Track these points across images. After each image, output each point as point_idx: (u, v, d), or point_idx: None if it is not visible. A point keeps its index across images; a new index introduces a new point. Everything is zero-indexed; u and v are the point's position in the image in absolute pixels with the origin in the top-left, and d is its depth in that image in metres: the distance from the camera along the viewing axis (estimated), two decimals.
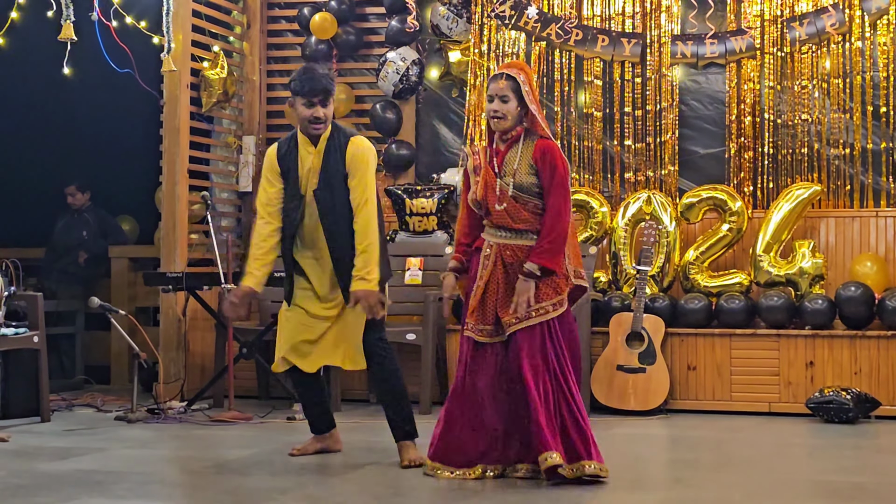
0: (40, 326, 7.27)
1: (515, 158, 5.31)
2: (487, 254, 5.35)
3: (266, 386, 8.27)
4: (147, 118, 9.09)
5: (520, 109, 5.31)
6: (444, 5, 8.75)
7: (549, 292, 5.23)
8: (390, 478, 5.40)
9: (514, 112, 5.30)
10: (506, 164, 5.32)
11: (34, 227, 9.81)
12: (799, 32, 8.18)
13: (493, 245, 5.34)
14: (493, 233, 5.36)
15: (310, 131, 5.67)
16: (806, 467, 5.87)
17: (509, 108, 5.30)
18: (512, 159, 5.32)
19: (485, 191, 5.33)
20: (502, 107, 5.30)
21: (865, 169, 8.13)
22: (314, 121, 5.64)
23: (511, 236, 5.31)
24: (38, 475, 5.45)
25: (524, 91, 5.29)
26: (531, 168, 5.27)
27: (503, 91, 5.30)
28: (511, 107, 5.30)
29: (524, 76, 5.33)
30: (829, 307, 7.62)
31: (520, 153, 5.31)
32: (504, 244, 5.31)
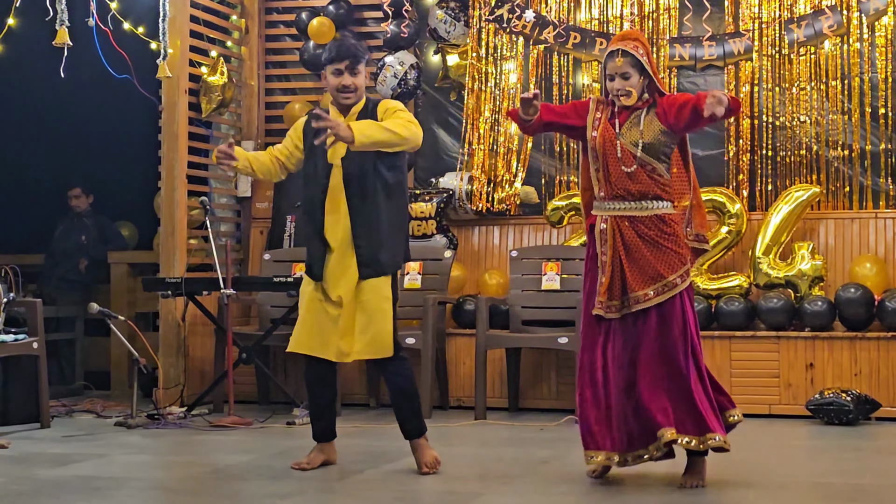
0: (40, 332, 7.27)
1: (640, 120, 5.22)
2: (603, 229, 5.23)
3: (266, 391, 8.27)
4: (145, 124, 9.08)
5: (643, 80, 5.23)
6: (442, 9, 8.75)
7: (676, 264, 5.18)
8: (391, 482, 5.40)
9: (637, 86, 5.22)
10: (628, 123, 5.24)
11: (33, 234, 9.81)
12: (797, 34, 8.18)
13: (607, 219, 5.24)
14: (606, 206, 5.25)
15: (339, 101, 5.51)
16: (806, 469, 5.86)
17: (632, 83, 5.21)
18: (635, 120, 5.23)
19: (604, 145, 5.23)
20: (625, 84, 5.21)
21: (864, 170, 8.13)
22: (343, 89, 5.48)
23: (626, 207, 5.21)
24: (38, 481, 5.44)
25: (644, 62, 5.20)
26: (658, 130, 5.20)
27: (623, 68, 5.20)
28: (634, 81, 5.21)
29: (642, 48, 5.24)
30: (828, 309, 7.62)
31: (646, 116, 5.23)
32: (620, 216, 5.22)
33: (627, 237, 5.21)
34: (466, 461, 6.11)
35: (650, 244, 5.19)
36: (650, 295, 5.16)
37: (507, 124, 8.59)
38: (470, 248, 8.73)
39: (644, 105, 5.27)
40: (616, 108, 5.31)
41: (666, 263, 5.18)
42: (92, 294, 9.05)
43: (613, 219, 5.24)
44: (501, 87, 8.64)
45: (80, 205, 9.61)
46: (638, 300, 5.17)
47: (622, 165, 5.22)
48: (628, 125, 5.25)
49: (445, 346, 8.05)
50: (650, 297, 5.16)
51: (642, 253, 5.18)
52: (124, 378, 8.87)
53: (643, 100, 5.27)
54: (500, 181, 8.56)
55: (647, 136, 5.21)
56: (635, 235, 5.20)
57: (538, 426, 7.18)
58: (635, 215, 5.22)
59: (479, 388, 7.63)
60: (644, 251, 5.18)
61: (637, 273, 5.18)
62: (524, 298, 7.96)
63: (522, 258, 8.08)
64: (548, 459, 5.98)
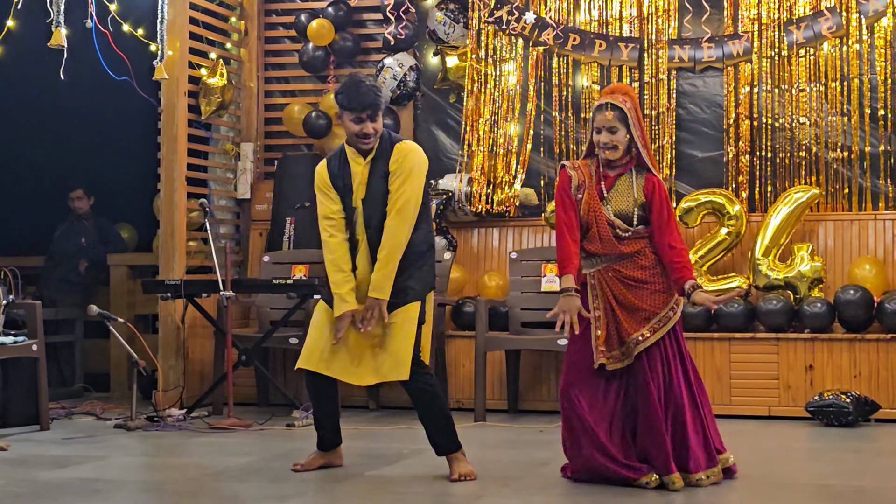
0: (39, 335, 7.27)
1: (626, 189, 5.30)
2: (593, 284, 5.32)
3: (265, 393, 8.26)
4: (145, 126, 9.08)
5: (629, 137, 5.29)
6: (442, 11, 8.75)
7: (665, 297, 5.27)
8: (390, 484, 5.39)
9: (623, 141, 5.28)
10: (614, 190, 5.31)
11: (33, 236, 9.80)
12: (796, 36, 8.18)
13: (594, 275, 5.33)
14: (590, 263, 5.33)
15: (359, 146, 5.50)
16: (806, 471, 5.86)
17: (618, 138, 5.27)
18: (622, 189, 5.31)
19: (588, 213, 5.30)
20: (612, 138, 5.27)
21: (864, 172, 8.13)
22: (363, 136, 5.46)
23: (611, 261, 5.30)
24: (38, 484, 5.44)
25: (630, 118, 5.27)
26: (641, 205, 5.28)
27: (611, 122, 5.26)
28: (620, 136, 5.27)
29: (630, 102, 5.31)
30: (828, 310, 7.62)
31: (632, 185, 5.30)
32: (604, 268, 5.31)
33: (613, 286, 5.29)
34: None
35: (633, 286, 5.27)
36: (647, 335, 5.23)
37: (506, 126, 8.59)
38: (469, 250, 8.73)
39: (628, 166, 5.33)
40: (601, 168, 5.35)
41: (652, 301, 5.26)
42: (91, 296, 9.05)
43: (598, 272, 5.33)
44: (501, 88, 8.64)
45: (82, 206, 9.60)
46: (637, 342, 5.23)
47: (603, 234, 5.29)
48: (615, 192, 5.32)
49: (445, 347, 8.05)
50: (647, 336, 5.23)
51: (628, 298, 5.26)
52: (124, 380, 8.87)
53: (629, 156, 5.32)
54: (499, 183, 8.56)
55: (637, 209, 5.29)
56: (619, 283, 5.28)
57: (538, 428, 7.18)
58: (619, 265, 5.31)
59: (479, 390, 7.63)
60: (629, 296, 5.26)
61: (629, 318, 5.26)
62: (523, 300, 7.96)
63: (522, 260, 8.08)
64: (547, 461, 5.97)
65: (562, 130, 8.62)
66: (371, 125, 5.44)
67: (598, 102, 5.40)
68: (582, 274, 5.38)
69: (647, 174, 5.33)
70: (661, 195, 5.31)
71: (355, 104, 5.42)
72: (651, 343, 5.22)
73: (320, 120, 8.88)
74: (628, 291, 5.27)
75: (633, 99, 5.36)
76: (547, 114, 8.64)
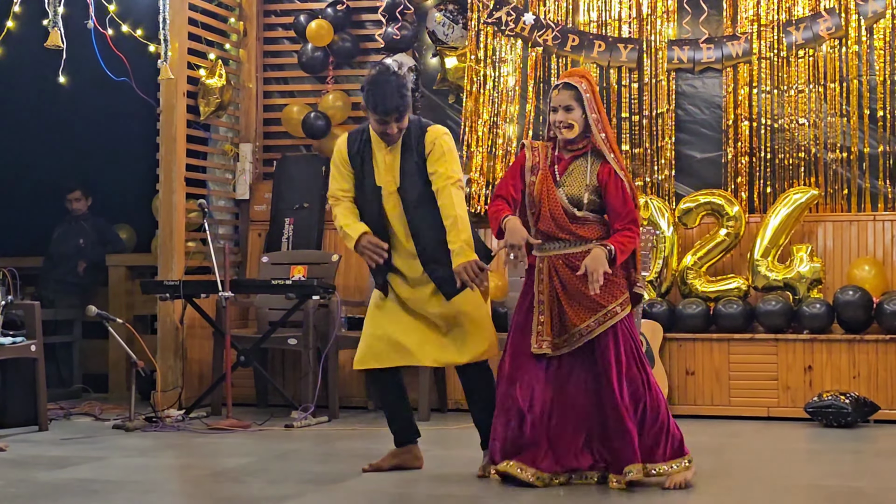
0: (38, 335, 7.26)
1: (580, 173, 5.28)
2: (541, 267, 5.31)
3: (264, 394, 8.26)
4: (144, 126, 9.08)
5: (584, 117, 5.28)
6: (441, 12, 8.75)
7: (616, 292, 5.22)
8: (389, 485, 5.39)
9: (579, 120, 5.26)
10: (567, 174, 5.30)
11: (31, 236, 9.79)
12: (795, 37, 8.18)
13: (544, 259, 5.31)
14: (541, 247, 5.31)
15: (384, 141, 5.46)
16: (805, 472, 5.86)
17: (574, 116, 5.26)
18: (576, 172, 5.29)
19: (541, 193, 5.29)
20: (567, 116, 5.26)
21: (863, 173, 8.13)
22: (385, 135, 5.43)
23: (563, 246, 5.28)
24: (36, 484, 5.44)
25: (585, 99, 5.26)
26: (594, 189, 5.25)
27: (566, 101, 5.27)
28: (576, 115, 5.26)
29: (586, 84, 5.29)
30: (827, 311, 7.62)
31: (587, 169, 5.28)
32: (556, 255, 5.29)
33: (563, 275, 5.26)
34: (465, 464, 6.10)
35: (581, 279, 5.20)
36: (592, 326, 5.21)
37: (505, 127, 8.60)
38: None
39: (584, 149, 5.31)
40: (556, 151, 5.34)
41: (604, 292, 5.19)
42: (90, 297, 9.03)
43: (549, 259, 5.30)
44: (500, 89, 8.64)
45: (80, 207, 9.59)
46: (581, 334, 5.22)
47: (556, 215, 5.26)
48: (567, 174, 5.30)
49: None
50: (592, 328, 5.21)
51: (576, 286, 5.22)
52: (122, 381, 8.86)
53: (584, 142, 5.30)
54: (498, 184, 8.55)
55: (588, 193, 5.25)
56: (569, 271, 5.24)
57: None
58: (569, 252, 5.27)
59: None
60: (578, 284, 5.21)
61: (576, 307, 5.23)
62: None
63: (521, 261, 8.05)
64: None
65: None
66: (395, 126, 5.40)
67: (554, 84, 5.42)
68: (532, 255, 5.35)
69: (602, 161, 5.29)
70: (615, 182, 5.23)
71: (380, 109, 5.35)
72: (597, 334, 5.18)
73: (319, 121, 8.88)
74: (577, 280, 5.20)
75: (591, 82, 5.34)
76: (546, 115, 8.62)
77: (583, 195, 5.26)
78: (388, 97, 5.32)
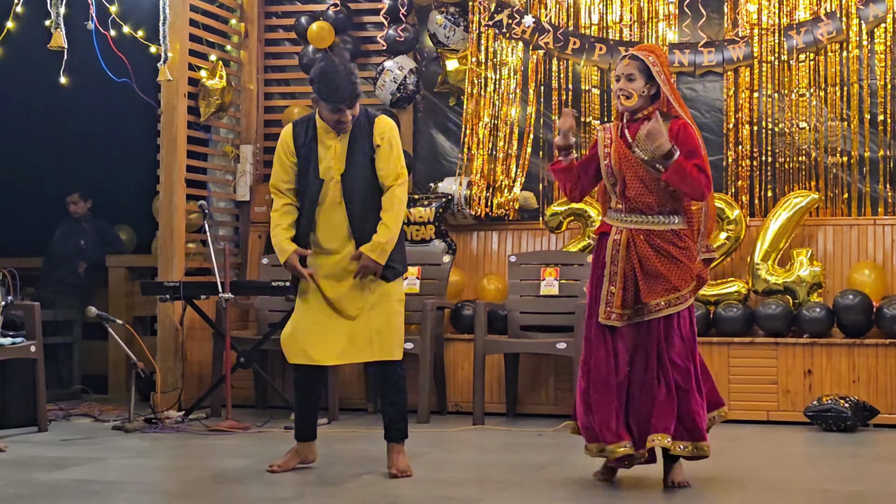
0: (37, 336, 7.26)
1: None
2: (617, 239, 5.26)
3: (263, 395, 8.26)
4: (144, 127, 9.08)
5: (648, 87, 5.23)
6: (442, 14, 8.76)
7: (688, 278, 5.22)
8: (389, 487, 5.39)
9: (640, 90, 5.23)
10: (639, 137, 5.23)
11: (32, 237, 9.80)
12: (796, 41, 8.19)
13: (622, 231, 5.26)
14: (622, 217, 5.27)
15: (337, 130, 5.51)
16: (804, 476, 5.86)
17: (635, 86, 5.22)
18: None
19: (619, 162, 5.25)
20: (628, 85, 5.22)
21: (863, 177, 8.13)
22: (338, 124, 5.48)
23: (642, 220, 5.23)
24: (35, 485, 5.44)
25: (654, 71, 5.21)
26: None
27: (628, 70, 5.23)
28: (637, 85, 5.22)
29: (654, 57, 5.25)
30: (827, 315, 7.62)
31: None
32: (636, 230, 5.23)
33: (642, 250, 5.23)
34: (464, 466, 6.11)
35: (664, 257, 5.21)
36: (661, 305, 5.20)
37: (505, 129, 8.59)
38: (468, 253, 8.73)
39: (648, 116, 5.26)
40: (625, 121, 5.31)
41: (679, 277, 5.20)
42: (90, 298, 9.04)
43: (629, 231, 5.25)
44: (500, 92, 8.64)
45: (78, 210, 9.60)
46: (650, 310, 5.21)
47: (643, 175, 5.22)
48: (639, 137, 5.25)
49: (444, 351, 8.05)
50: (661, 307, 5.20)
51: (655, 265, 5.20)
52: (122, 382, 8.87)
53: (647, 108, 5.26)
54: (499, 186, 8.56)
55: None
56: (649, 248, 5.22)
57: (536, 431, 7.17)
58: (651, 229, 5.24)
59: (477, 394, 7.63)
60: (657, 264, 5.20)
61: (651, 284, 5.20)
62: (522, 304, 7.96)
63: (521, 263, 8.08)
64: (546, 465, 5.97)
65: None
66: (349, 112, 5.46)
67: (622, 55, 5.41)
68: (607, 224, 5.33)
69: (672, 119, 5.25)
70: (687, 135, 5.20)
71: (333, 98, 5.42)
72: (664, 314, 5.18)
73: None
74: (657, 259, 5.19)
75: (660, 56, 5.29)
76: (546, 117, 8.64)
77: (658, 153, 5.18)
78: (341, 86, 5.40)
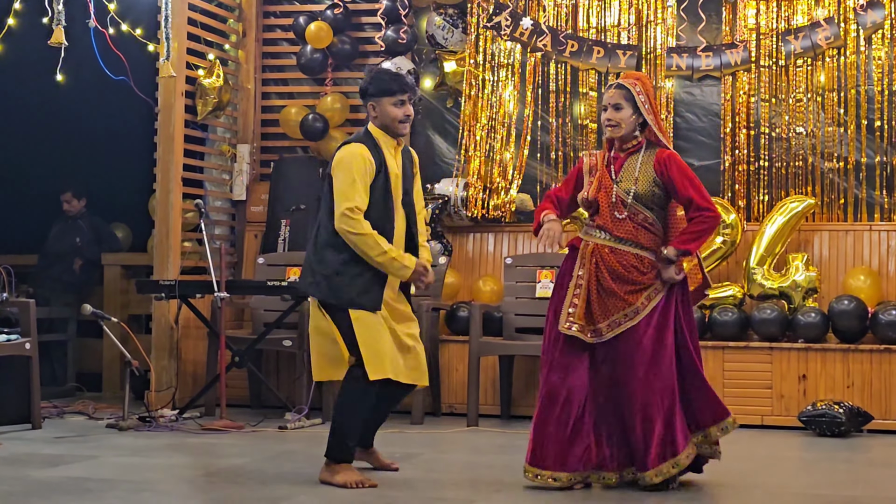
0: (32, 333, 7.26)
1: (635, 168, 5.28)
2: (584, 252, 5.30)
3: (258, 395, 8.26)
4: (141, 125, 9.08)
5: (635, 117, 5.28)
6: (440, 15, 8.76)
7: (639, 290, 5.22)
8: (384, 488, 5.38)
9: (627, 119, 5.27)
10: (623, 171, 5.29)
11: (28, 234, 9.79)
12: (794, 46, 8.20)
13: (590, 245, 5.30)
14: (594, 234, 5.31)
15: (400, 131, 5.46)
16: (798, 481, 5.86)
17: (622, 115, 5.26)
18: (631, 168, 5.28)
19: (598, 192, 5.30)
20: (615, 115, 5.27)
21: (859, 182, 8.14)
22: (405, 119, 5.46)
23: (612, 240, 5.27)
24: (29, 482, 5.43)
25: (639, 101, 5.26)
26: (653, 180, 5.25)
27: (615, 99, 5.28)
28: (624, 115, 5.26)
29: (640, 86, 5.30)
30: (822, 320, 7.62)
31: (640, 163, 5.28)
32: (603, 245, 5.27)
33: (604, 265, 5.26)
34: (458, 468, 6.11)
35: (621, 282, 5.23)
36: (621, 321, 5.22)
37: (503, 131, 8.60)
38: (464, 255, 8.73)
39: (637, 147, 5.32)
40: (612, 153, 5.36)
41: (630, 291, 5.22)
42: (85, 295, 9.03)
43: (595, 245, 5.31)
44: (498, 94, 8.64)
45: (71, 209, 9.59)
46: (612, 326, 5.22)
47: (614, 211, 5.28)
48: (624, 171, 5.31)
49: (438, 352, 8.04)
50: (621, 322, 5.22)
51: (610, 283, 5.23)
52: (116, 380, 8.86)
53: (635, 138, 5.31)
54: (495, 188, 8.57)
55: (641, 186, 5.26)
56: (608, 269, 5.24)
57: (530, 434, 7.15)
58: (616, 247, 5.28)
59: (472, 395, 7.63)
60: (613, 285, 5.23)
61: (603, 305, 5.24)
62: (518, 306, 7.96)
63: (517, 265, 8.08)
64: None
65: (558, 137, 8.63)
66: (411, 109, 5.49)
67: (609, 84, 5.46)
68: (577, 237, 5.39)
69: (658, 150, 5.30)
70: (677, 165, 5.25)
71: (397, 87, 5.42)
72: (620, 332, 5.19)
73: (317, 123, 8.87)
74: (612, 280, 5.22)
75: (646, 84, 5.34)
76: (544, 120, 8.65)
77: (641, 187, 5.23)
78: (404, 77, 5.50)
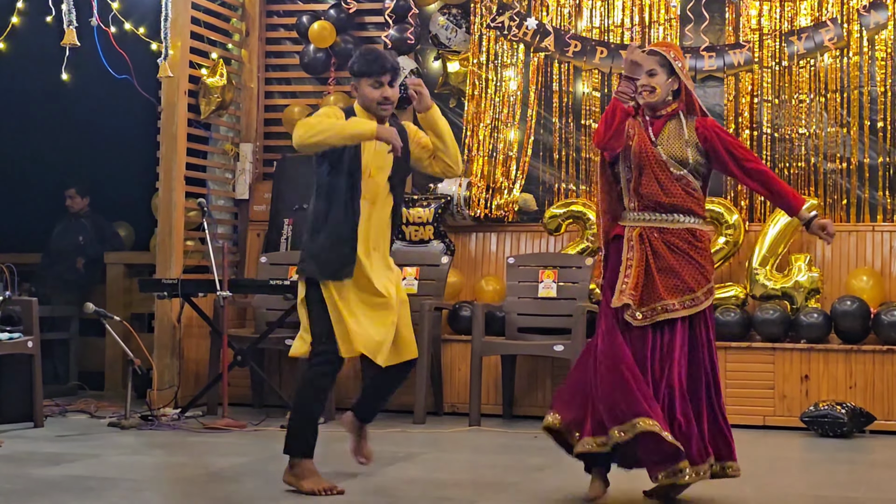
0: (35, 331, 7.26)
1: (675, 132, 5.16)
2: (630, 237, 5.12)
3: (260, 394, 8.26)
4: (144, 124, 9.08)
5: (670, 81, 5.18)
6: (444, 15, 8.76)
7: (702, 280, 5.08)
8: (385, 487, 5.39)
9: (663, 84, 5.16)
10: (663, 134, 5.17)
11: (31, 232, 9.80)
12: (797, 46, 8.19)
13: (635, 229, 5.12)
14: (635, 216, 5.15)
15: (378, 112, 5.33)
16: (800, 481, 5.86)
17: (658, 80, 5.14)
18: (672, 132, 5.16)
19: (640, 155, 5.12)
20: (650, 80, 5.14)
21: (862, 183, 8.14)
22: (384, 101, 5.32)
23: (655, 218, 5.12)
24: (31, 480, 5.44)
25: (676, 66, 5.16)
26: (695, 146, 5.14)
27: (650, 65, 5.15)
28: (660, 80, 5.15)
29: (674, 52, 5.22)
30: (824, 321, 7.62)
31: (682, 127, 5.16)
32: (649, 227, 5.12)
33: (656, 246, 5.09)
34: (460, 467, 6.12)
35: (679, 255, 5.09)
36: (676, 306, 5.04)
37: (506, 131, 8.60)
38: (467, 255, 8.73)
39: (673, 112, 5.21)
40: (647, 117, 5.23)
41: (693, 276, 5.07)
42: (88, 294, 9.03)
43: (642, 229, 5.13)
44: (502, 94, 8.64)
45: (75, 205, 9.59)
46: (666, 308, 5.03)
47: (659, 175, 5.12)
48: (664, 135, 5.17)
49: (441, 352, 8.05)
50: (676, 308, 5.03)
51: (670, 263, 5.07)
52: (118, 378, 8.86)
53: (669, 104, 5.21)
54: (498, 188, 8.57)
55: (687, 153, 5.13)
56: (664, 245, 5.09)
57: (532, 433, 7.16)
58: (665, 227, 5.12)
59: (474, 395, 7.63)
60: (671, 261, 5.07)
61: (665, 281, 5.06)
62: (520, 305, 7.96)
63: (519, 265, 8.08)
64: (542, 467, 5.97)
65: (562, 137, 8.63)
66: (390, 90, 5.33)
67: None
68: (619, 226, 5.20)
69: (697, 117, 5.21)
70: (717, 131, 5.18)
71: (376, 67, 5.29)
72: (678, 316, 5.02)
73: None
74: (671, 256, 5.07)
75: (679, 54, 5.25)
76: (547, 120, 8.65)
77: (685, 152, 5.13)
78: (383, 57, 5.34)
